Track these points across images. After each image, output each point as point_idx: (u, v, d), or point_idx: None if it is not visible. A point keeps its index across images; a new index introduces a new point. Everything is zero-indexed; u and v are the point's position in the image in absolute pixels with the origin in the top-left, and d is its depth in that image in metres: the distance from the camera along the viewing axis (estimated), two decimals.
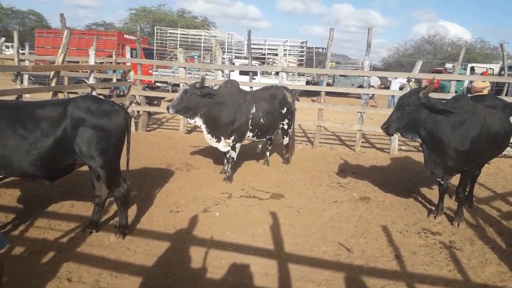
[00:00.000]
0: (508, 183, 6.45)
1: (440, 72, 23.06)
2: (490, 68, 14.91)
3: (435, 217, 4.72)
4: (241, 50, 23.67)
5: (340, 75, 24.68)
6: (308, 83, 21.80)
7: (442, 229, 4.46)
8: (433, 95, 6.93)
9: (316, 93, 17.98)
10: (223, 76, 9.43)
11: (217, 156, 6.79)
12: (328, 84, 10.74)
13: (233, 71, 14.18)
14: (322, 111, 8.84)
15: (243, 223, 4.39)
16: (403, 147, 8.92)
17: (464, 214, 4.73)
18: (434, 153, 4.44)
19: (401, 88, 11.28)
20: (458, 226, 4.51)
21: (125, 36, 25.32)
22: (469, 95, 6.66)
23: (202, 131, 5.99)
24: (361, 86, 10.52)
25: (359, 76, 16.73)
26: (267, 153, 6.95)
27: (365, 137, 9.92)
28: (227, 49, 23.07)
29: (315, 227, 4.40)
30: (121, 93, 10.33)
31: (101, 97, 6.33)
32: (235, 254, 3.68)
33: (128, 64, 9.63)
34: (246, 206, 4.92)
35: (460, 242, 4.16)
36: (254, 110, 5.97)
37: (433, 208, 4.93)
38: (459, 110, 4.31)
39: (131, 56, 9.92)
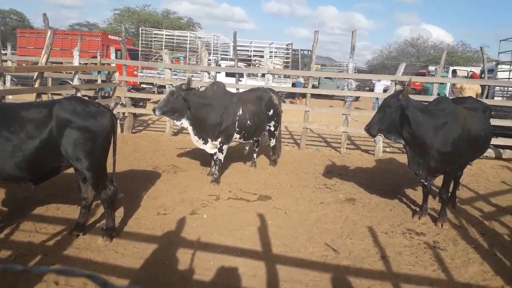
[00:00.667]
0: (489, 184, 6.61)
1: (423, 74, 23.48)
2: (471, 71, 15.26)
3: (419, 217, 4.81)
4: (227, 51, 23.67)
5: (325, 78, 24.88)
6: (294, 85, 21.94)
7: (427, 230, 4.55)
8: (417, 97, 7.07)
9: (303, 96, 18.13)
10: (209, 77, 9.43)
11: (204, 158, 6.78)
12: (314, 87, 10.83)
13: (219, 72, 14.17)
14: (308, 113, 8.92)
15: (231, 225, 4.40)
16: (387, 149, 9.05)
17: (448, 215, 4.83)
18: (417, 154, 4.53)
19: (385, 91, 11.48)
20: (441, 226, 4.60)
21: (109, 36, 25.01)
22: (452, 97, 6.80)
23: (188, 133, 5.99)
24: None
25: (343, 78, 16.97)
26: (254, 155, 6.97)
27: (351, 139, 10.04)
28: (213, 50, 23.04)
29: (302, 228, 4.43)
30: (106, 95, 10.24)
31: (86, 98, 6.26)
32: (223, 255, 3.69)
33: (113, 65, 9.54)
34: (233, 208, 4.93)
35: (443, 242, 4.25)
36: (240, 112, 5.99)
37: (418, 209, 5.02)
38: (441, 112, 4.41)
39: (116, 57, 9.83)
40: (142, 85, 16.48)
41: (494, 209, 5.35)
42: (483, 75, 9.88)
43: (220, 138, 5.86)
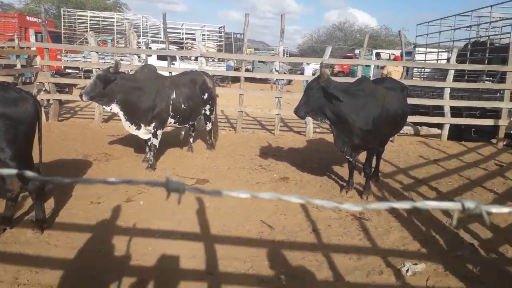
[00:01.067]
0: (409, 159, 7.25)
1: (350, 57, 24.64)
2: (392, 54, 16.37)
3: (346, 192, 5.18)
4: (158, 34, 22.90)
5: (259, 61, 25.16)
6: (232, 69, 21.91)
7: (353, 203, 4.92)
8: (342, 80, 7.48)
9: (234, 80, 18.21)
10: (139, 61, 9.13)
11: (138, 145, 6.64)
12: (247, 70, 10.94)
13: (150, 56, 13.71)
14: (243, 96, 9.04)
15: (169, 209, 4.40)
16: (317, 130, 9.49)
17: (372, 188, 5.26)
18: (341, 133, 4.85)
19: (314, 74, 11.92)
20: (366, 199, 5.00)
21: (27, 18, 23.00)
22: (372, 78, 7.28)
23: (120, 119, 5.82)
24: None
25: (276, 62, 17.37)
26: (191, 140, 6.96)
27: (284, 121, 10.37)
28: (142, 33, 22.16)
29: (239, 208, 4.57)
30: (27, 81, 9.50)
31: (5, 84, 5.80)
32: (162, 240, 3.72)
33: (33, 48, 8.87)
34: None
35: (368, 213, 4.62)
36: (174, 95, 5.92)
37: (345, 184, 5.39)
38: (361, 92, 4.73)
39: (36, 40, 9.15)
40: (67, 70, 15.50)
41: (412, 181, 5.90)
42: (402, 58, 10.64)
43: (153, 123, 5.77)
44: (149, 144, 5.90)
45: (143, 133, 5.83)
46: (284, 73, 13.03)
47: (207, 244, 3.69)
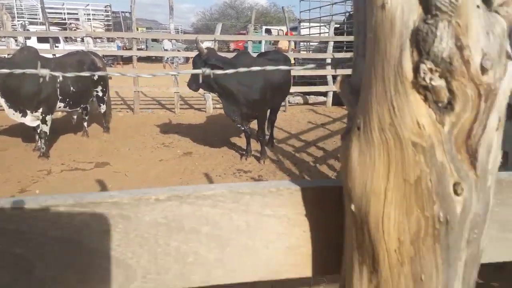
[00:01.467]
0: (299, 125, 7.92)
1: (244, 34, 25.21)
2: (281, 30, 17.25)
3: (246, 158, 5.57)
4: (36, 15, 20.74)
5: (152, 40, 24.34)
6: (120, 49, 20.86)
7: (252, 167, 5.34)
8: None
9: (126, 61, 17.49)
10: (16, 44, 8.34)
11: (27, 134, 6.18)
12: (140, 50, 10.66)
13: (29, 38, 12.47)
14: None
15: None
16: (217, 106, 9.73)
17: (268, 153, 5.72)
18: (230, 103, 5.21)
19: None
20: (264, 163, 5.45)
21: None
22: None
23: (2, 108, 5.37)
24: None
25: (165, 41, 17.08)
26: (85, 124, 6.68)
27: (184, 99, 10.40)
28: (17, 14, 19.88)
29: (143, 185, 4.65)
30: None
31: None
32: None
33: None
34: (69, 180, 4.78)
35: (266, 175, 5.08)
36: (61, 78, 5.63)
37: (244, 153, 5.77)
38: (240, 65, 5.08)
39: None
40: None
41: (303, 144, 6.53)
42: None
43: (41, 109, 5.42)
44: (38, 132, 5.55)
45: (30, 120, 5.46)
46: (178, 50, 12.93)
47: None
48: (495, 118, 0.47)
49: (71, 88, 5.77)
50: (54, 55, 7.98)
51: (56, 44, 14.16)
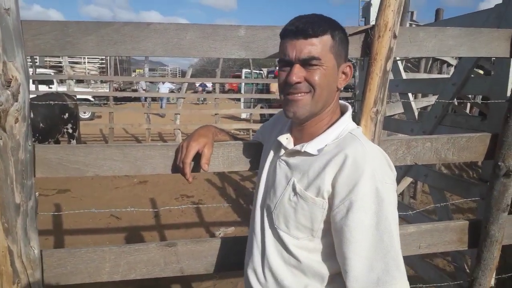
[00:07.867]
0: None
1: (239, 76, 26.42)
2: (260, 72, 18.23)
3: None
4: (36, 58, 21.93)
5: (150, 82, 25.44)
6: (116, 90, 21.90)
7: (196, 193, 5.99)
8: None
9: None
10: None
11: None
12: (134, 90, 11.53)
13: None
14: (113, 114, 9.63)
15: None
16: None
17: (216, 180, 6.40)
18: None
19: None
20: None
21: None
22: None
23: None
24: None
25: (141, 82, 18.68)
26: None
27: (160, 135, 11.18)
28: None
29: (96, 208, 5.28)
30: None
31: None
32: None
33: None
34: None
35: (206, 199, 5.73)
36: (32, 115, 6.38)
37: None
38: None
39: None
40: None
41: (250, 172, 7.20)
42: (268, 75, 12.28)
43: None
44: None
45: None
46: (147, 90, 13.95)
47: (59, 235, 4.37)
48: None
49: (40, 124, 6.51)
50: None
51: (50, 86, 15.19)
